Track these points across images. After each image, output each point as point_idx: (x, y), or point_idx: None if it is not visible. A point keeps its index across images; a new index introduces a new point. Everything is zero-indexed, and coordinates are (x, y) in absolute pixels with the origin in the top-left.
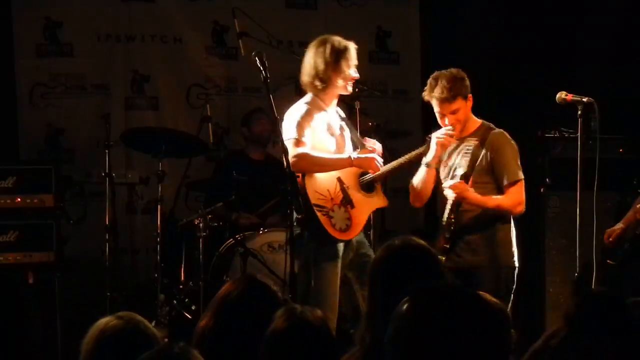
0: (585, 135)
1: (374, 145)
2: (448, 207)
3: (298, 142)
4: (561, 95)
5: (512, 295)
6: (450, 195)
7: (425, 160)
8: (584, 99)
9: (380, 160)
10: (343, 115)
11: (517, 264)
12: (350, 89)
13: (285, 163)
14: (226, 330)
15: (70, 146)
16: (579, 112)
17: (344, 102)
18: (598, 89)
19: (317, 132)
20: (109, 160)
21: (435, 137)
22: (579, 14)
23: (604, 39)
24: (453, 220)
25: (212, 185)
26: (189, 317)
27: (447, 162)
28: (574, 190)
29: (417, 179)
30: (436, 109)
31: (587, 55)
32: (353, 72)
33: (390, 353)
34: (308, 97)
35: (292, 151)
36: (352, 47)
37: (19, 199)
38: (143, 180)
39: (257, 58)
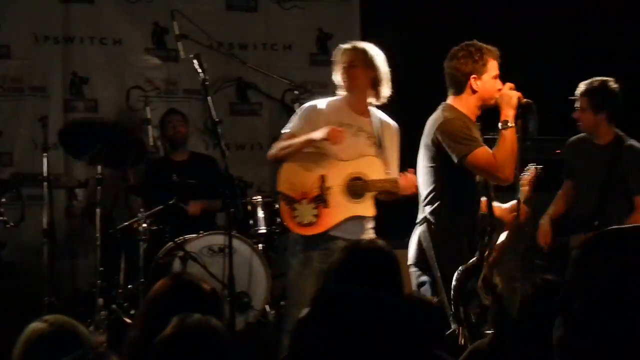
0: (524, 136)
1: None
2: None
3: (283, 135)
4: None
5: None
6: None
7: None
8: (522, 101)
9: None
10: (384, 126)
11: None
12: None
13: (225, 167)
14: (156, 333)
15: (8, 149)
16: (518, 114)
17: (285, 103)
18: (535, 89)
19: (317, 125)
20: (47, 163)
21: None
22: (518, 13)
23: (541, 38)
24: None
25: (150, 189)
26: (128, 321)
27: None
28: (513, 191)
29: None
30: (495, 70)
31: (523, 55)
32: (336, 77)
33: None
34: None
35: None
36: (340, 48)
37: None
38: (82, 183)
39: (195, 60)
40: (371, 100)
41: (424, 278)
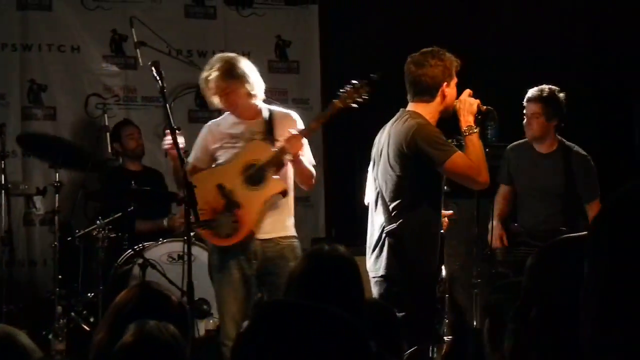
0: (483, 143)
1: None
2: None
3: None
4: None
5: None
6: None
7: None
8: (482, 108)
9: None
10: (276, 118)
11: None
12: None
13: (184, 174)
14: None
15: None
16: (477, 120)
17: None
18: (493, 96)
19: (207, 141)
20: (5, 170)
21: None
22: (477, 20)
23: (499, 45)
24: None
25: (109, 197)
26: (87, 329)
27: None
28: (471, 197)
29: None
30: (456, 79)
31: (481, 62)
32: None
33: None
34: None
35: None
36: (204, 77)
37: None
38: (40, 191)
39: (153, 68)
40: (254, 102)
41: (396, 289)
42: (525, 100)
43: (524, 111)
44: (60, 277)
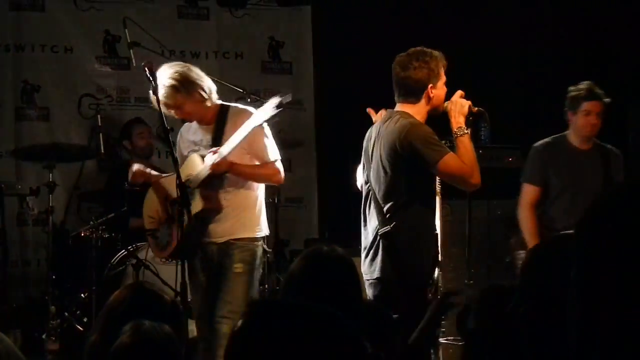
0: (476, 145)
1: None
2: None
3: None
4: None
5: None
6: None
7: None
8: (474, 109)
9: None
10: (230, 117)
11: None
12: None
13: (177, 174)
14: (114, 341)
15: None
16: (469, 122)
17: None
18: (485, 97)
19: (180, 148)
20: None
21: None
22: (469, 21)
23: (492, 46)
24: None
25: (107, 196)
26: (81, 329)
27: None
28: (464, 199)
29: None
30: (444, 77)
31: (474, 62)
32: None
33: None
34: None
35: None
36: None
37: None
38: (33, 191)
39: (146, 68)
40: (209, 105)
41: (390, 291)
42: (586, 97)
43: (582, 109)
44: (53, 277)
